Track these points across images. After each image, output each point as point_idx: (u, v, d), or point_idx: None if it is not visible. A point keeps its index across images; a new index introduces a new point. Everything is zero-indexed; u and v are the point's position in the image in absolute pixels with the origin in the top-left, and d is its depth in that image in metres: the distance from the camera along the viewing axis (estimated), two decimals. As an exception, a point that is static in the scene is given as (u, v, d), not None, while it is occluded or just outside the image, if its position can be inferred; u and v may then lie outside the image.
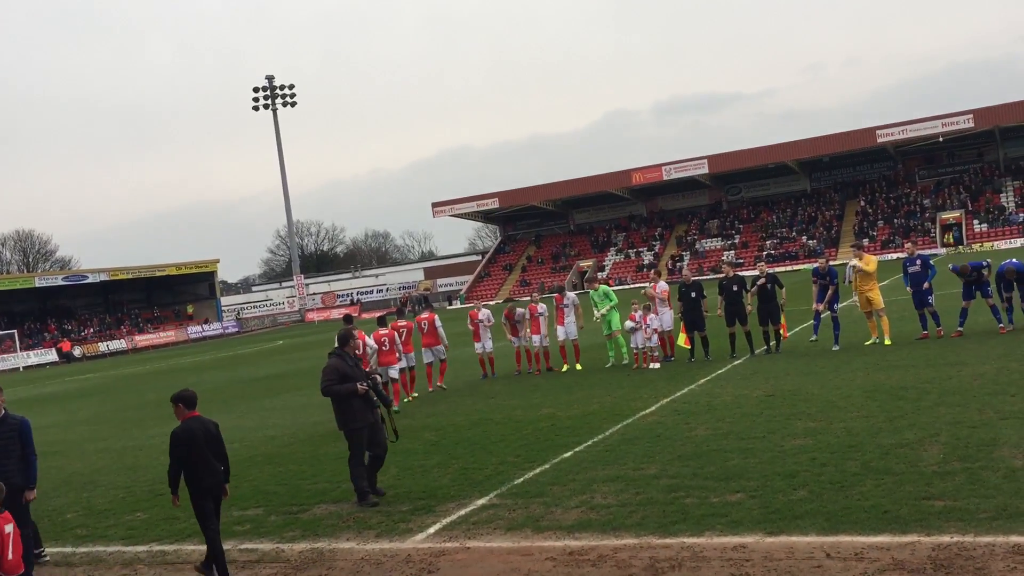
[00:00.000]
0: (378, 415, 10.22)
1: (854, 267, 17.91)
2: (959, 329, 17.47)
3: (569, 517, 8.40)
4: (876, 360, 15.66)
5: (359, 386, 9.98)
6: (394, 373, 17.15)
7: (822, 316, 18.13)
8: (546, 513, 8.63)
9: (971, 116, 63.92)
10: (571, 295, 20.44)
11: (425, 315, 19.16)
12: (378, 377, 10.81)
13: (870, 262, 17.90)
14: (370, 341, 16.61)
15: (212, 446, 8.09)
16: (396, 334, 17.48)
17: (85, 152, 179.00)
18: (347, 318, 17.61)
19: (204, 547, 9.08)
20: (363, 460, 10.05)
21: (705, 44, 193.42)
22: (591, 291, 20.44)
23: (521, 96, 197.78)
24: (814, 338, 17.86)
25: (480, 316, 20.22)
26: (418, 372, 18.96)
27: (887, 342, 17.38)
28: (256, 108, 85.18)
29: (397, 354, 17.33)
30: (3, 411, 8.56)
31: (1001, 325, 17.15)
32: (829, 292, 18.04)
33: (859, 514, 7.38)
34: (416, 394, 18.47)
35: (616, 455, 10.66)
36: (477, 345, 20.34)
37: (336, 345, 10.55)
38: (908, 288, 18.37)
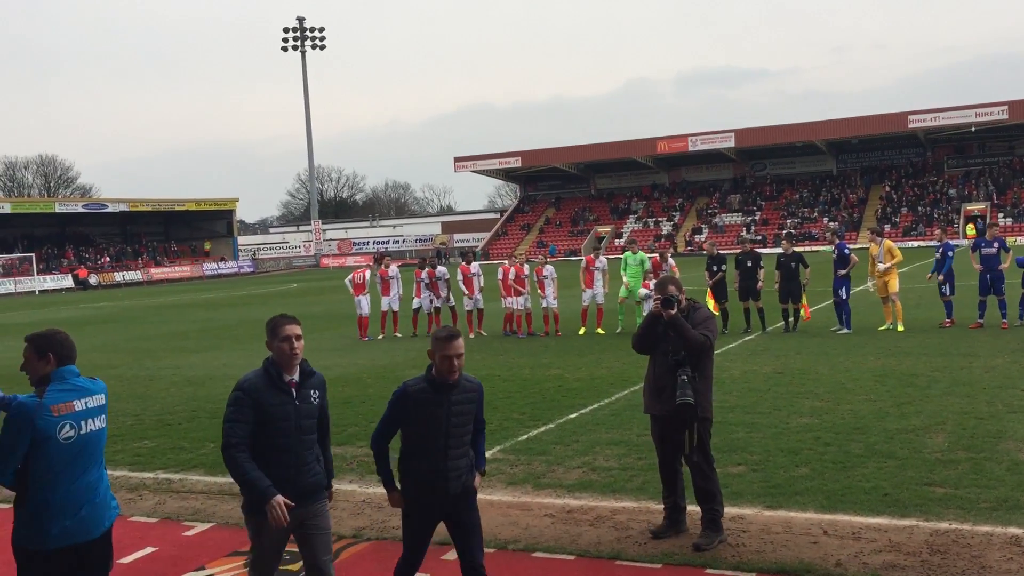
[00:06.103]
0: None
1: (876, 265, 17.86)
2: (979, 321, 17.35)
3: (570, 476, 8.47)
4: (888, 345, 15.61)
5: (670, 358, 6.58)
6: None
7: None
8: (548, 471, 8.70)
9: (1006, 108, 63.07)
10: (603, 259, 20.62)
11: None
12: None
13: (894, 251, 17.88)
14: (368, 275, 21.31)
15: None
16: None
17: (111, 80, 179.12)
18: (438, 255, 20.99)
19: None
20: (675, 468, 6.85)
21: (734, 16, 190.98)
22: (627, 253, 20.35)
23: (544, 57, 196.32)
24: (846, 330, 17.60)
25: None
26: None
27: (900, 328, 17.31)
28: (285, 49, 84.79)
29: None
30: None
31: (1004, 321, 17.03)
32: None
33: (859, 495, 7.41)
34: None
35: (621, 420, 10.71)
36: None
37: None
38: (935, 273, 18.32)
